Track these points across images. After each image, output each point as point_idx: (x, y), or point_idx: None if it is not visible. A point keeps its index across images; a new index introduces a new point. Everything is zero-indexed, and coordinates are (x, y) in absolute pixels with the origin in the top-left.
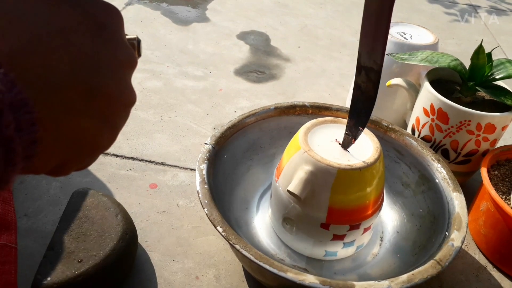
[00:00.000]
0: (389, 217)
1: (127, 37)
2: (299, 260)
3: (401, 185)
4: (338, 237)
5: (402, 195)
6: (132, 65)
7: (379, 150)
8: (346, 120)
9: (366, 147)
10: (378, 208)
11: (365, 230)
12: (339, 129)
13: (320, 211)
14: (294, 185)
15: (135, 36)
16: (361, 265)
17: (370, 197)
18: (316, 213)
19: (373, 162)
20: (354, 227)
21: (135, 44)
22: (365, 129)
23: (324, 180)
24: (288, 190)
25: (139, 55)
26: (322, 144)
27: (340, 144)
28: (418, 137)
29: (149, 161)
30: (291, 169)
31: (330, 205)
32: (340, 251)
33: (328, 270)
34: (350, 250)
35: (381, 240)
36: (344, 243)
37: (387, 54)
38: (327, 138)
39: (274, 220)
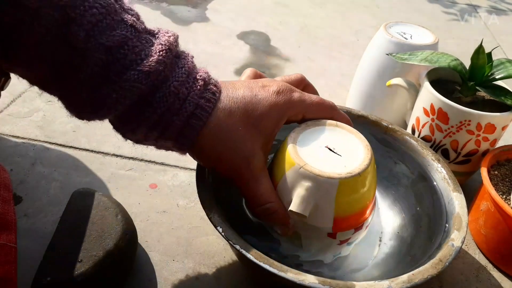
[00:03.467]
0: (389, 218)
1: None
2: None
3: (401, 185)
4: (344, 241)
5: (401, 195)
6: None
7: (369, 148)
8: (327, 121)
9: (356, 148)
10: (375, 203)
11: (366, 227)
12: (323, 132)
13: (326, 223)
14: (296, 205)
15: (6, 72)
16: (362, 266)
17: (370, 197)
18: (322, 225)
19: (369, 163)
20: (358, 228)
21: (2, 80)
22: (349, 127)
23: (327, 193)
24: (290, 210)
25: (2, 89)
26: (313, 154)
27: (331, 150)
28: (418, 137)
29: (149, 161)
30: (288, 187)
31: (336, 215)
32: (345, 249)
33: (328, 271)
34: (352, 246)
35: (381, 241)
36: (348, 243)
37: (387, 54)
38: (316, 145)
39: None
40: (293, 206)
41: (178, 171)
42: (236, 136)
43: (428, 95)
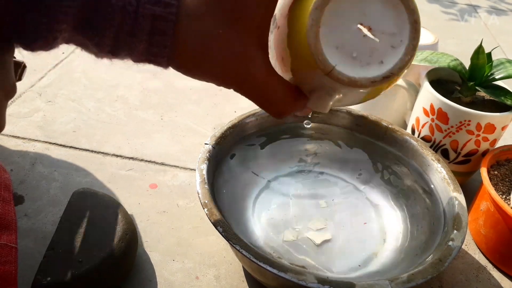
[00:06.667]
0: (391, 218)
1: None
2: (298, 260)
3: (401, 185)
4: None
5: (402, 195)
6: (11, 95)
7: (417, 26)
8: None
9: (400, 26)
10: None
11: None
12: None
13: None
14: (318, 106)
15: (21, 62)
16: (362, 267)
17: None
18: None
19: (413, 55)
20: None
21: (18, 71)
22: None
23: (355, 95)
24: (309, 107)
25: (20, 79)
26: (342, 44)
27: (366, 27)
28: (418, 137)
29: (149, 161)
30: (307, 85)
31: (359, 103)
32: None
33: (328, 270)
34: None
35: (384, 241)
36: None
37: None
38: (345, 25)
39: None
40: (314, 106)
41: (178, 171)
42: (220, 44)
43: (428, 95)
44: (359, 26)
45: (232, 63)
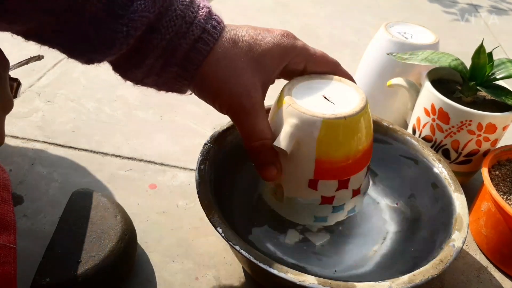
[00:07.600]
0: (391, 218)
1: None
2: (297, 260)
3: (402, 185)
4: (327, 200)
5: (403, 195)
6: (7, 109)
7: (364, 99)
8: (333, 76)
9: (352, 100)
10: (366, 163)
11: (355, 192)
12: (324, 84)
13: (307, 164)
14: (280, 140)
15: (16, 78)
16: (362, 265)
17: (356, 148)
18: (303, 167)
19: (359, 111)
20: (342, 184)
21: (14, 86)
22: (352, 83)
23: (310, 132)
24: (274, 145)
25: (16, 96)
26: (307, 98)
27: (326, 99)
28: (419, 137)
29: (149, 161)
30: (277, 126)
31: (317, 157)
32: (330, 216)
33: (329, 269)
34: (340, 216)
35: (384, 239)
36: (333, 207)
37: (388, 54)
38: (313, 93)
39: (266, 191)
40: (277, 142)
41: (177, 172)
42: (239, 66)
43: (429, 95)
44: (322, 96)
45: (242, 81)
